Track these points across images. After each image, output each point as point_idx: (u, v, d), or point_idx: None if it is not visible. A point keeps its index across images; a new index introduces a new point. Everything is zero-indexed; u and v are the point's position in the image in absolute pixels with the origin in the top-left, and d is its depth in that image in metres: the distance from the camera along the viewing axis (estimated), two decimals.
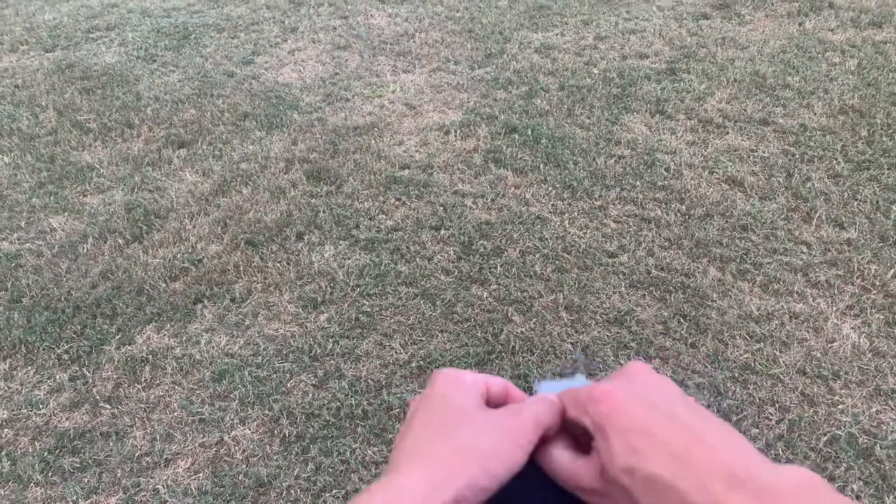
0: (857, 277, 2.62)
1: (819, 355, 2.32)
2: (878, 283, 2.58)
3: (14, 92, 4.11)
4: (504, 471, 0.46)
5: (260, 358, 2.41)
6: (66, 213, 3.11)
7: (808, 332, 2.41)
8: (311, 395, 2.26)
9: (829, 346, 2.35)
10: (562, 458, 0.48)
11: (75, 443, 2.16)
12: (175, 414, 2.23)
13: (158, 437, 2.16)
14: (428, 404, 0.52)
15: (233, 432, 2.16)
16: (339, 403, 2.22)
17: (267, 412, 2.22)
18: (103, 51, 4.61)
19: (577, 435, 0.50)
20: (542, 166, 3.28)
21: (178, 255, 2.84)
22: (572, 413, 0.48)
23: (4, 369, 2.40)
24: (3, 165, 3.44)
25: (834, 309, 2.49)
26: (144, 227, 3.00)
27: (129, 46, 4.64)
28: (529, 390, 0.55)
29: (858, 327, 2.42)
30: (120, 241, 2.93)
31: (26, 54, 4.59)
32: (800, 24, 4.56)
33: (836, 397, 2.19)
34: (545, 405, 0.50)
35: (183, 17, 5.06)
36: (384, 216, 3.03)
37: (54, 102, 3.96)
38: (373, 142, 3.53)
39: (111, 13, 5.16)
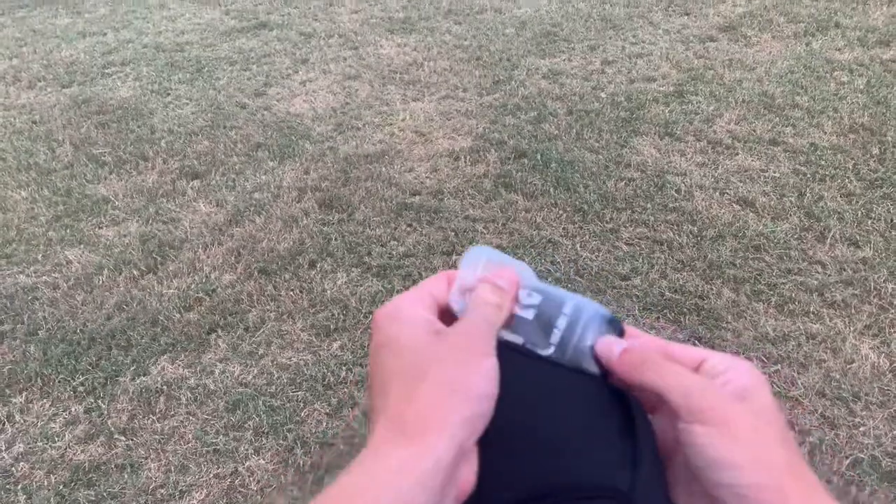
0: (873, 297, 2.59)
1: (838, 376, 2.28)
2: (895, 303, 2.55)
3: (32, 127, 4.19)
4: (490, 387, 0.42)
5: (274, 387, 2.41)
6: (82, 246, 3.15)
7: (826, 352, 2.38)
8: (325, 424, 2.25)
9: (848, 366, 2.32)
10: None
11: (90, 475, 2.16)
12: (189, 445, 2.23)
13: (173, 469, 2.16)
14: (383, 354, 0.44)
15: (247, 463, 2.16)
16: (353, 432, 2.21)
17: (281, 442, 2.21)
18: (118, 85, 4.70)
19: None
20: (552, 190, 3.29)
21: (192, 286, 2.86)
22: (661, 381, 0.44)
23: (21, 402, 2.41)
24: (21, 199, 3.49)
25: (852, 329, 2.46)
26: (159, 259, 3.03)
27: (143, 81, 4.73)
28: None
29: (877, 347, 2.39)
30: (135, 272, 2.96)
31: (44, 90, 4.68)
32: (807, 45, 4.57)
33: (857, 419, 2.15)
34: (485, 309, 0.46)
35: (196, 51, 5.16)
36: (396, 243, 3.04)
37: (71, 137, 4.03)
38: (384, 169, 3.56)
39: (126, 48, 5.27)
